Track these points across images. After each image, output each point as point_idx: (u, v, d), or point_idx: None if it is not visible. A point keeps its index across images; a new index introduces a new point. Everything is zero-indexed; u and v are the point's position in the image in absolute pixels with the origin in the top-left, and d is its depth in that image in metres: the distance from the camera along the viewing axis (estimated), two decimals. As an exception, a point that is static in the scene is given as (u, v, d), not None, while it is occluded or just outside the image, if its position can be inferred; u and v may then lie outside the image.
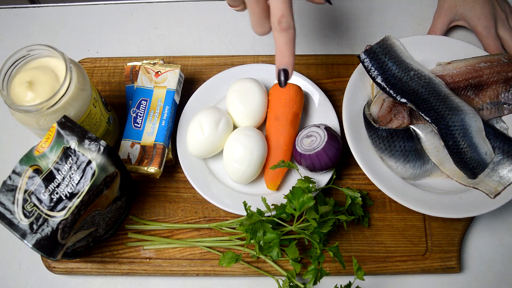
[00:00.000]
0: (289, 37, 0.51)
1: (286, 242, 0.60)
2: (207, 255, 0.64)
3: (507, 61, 0.67)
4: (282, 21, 0.50)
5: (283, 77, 0.52)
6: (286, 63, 0.52)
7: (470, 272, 0.65)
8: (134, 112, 0.66)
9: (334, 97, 0.73)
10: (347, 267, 0.63)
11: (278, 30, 0.50)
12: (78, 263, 0.64)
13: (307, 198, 0.56)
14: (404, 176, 0.64)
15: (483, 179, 0.63)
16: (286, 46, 0.51)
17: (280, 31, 0.50)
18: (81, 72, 0.57)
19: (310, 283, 0.56)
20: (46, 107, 0.52)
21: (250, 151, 0.62)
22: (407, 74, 0.65)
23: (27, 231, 0.50)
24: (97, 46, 0.80)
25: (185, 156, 0.66)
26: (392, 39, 0.68)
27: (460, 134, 0.62)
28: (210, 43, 0.80)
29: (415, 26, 0.81)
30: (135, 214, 0.67)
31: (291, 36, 0.51)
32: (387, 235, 0.65)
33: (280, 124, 0.66)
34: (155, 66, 0.69)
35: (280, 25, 0.50)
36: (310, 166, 0.63)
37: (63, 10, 0.83)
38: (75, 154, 0.52)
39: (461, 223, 0.66)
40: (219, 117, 0.64)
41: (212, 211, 0.67)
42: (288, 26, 0.50)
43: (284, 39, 0.51)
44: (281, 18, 0.50)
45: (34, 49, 0.55)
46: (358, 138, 0.64)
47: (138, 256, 0.64)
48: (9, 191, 0.51)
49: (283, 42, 0.51)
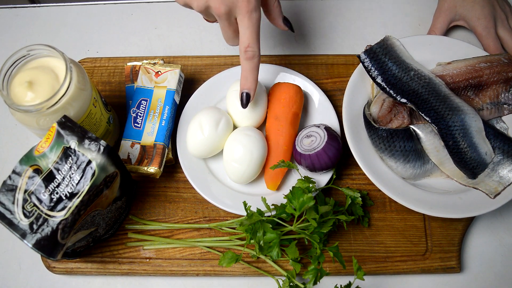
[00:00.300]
0: (253, 65, 0.57)
1: (286, 242, 0.60)
2: (207, 255, 0.64)
3: (507, 61, 0.67)
4: (248, 50, 0.56)
5: (245, 99, 0.60)
6: (248, 88, 0.59)
7: (470, 272, 0.65)
8: (134, 112, 0.66)
9: (334, 97, 0.73)
10: (347, 267, 0.63)
11: (244, 58, 0.57)
12: (78, 263, 0.64)
13: (307, 198, 0.56)
14: (404, 176, 0.64)
15: (483, 179, 0.63)
16: (250, 73, 0.58)
17: (245, 59, 0.57)
18: (81, 72, 0.57)
19: (310, 283, 0.56)
20: (46, 107, 0.52)
21: (250, 151, 0.62)
22: (407, 74, 0.65)
23: (27, 231, 0.50)
24: (97, 46, 0.80)
25: (185, 156, 0.66)
26: (392, 39, 0.68)
27: (460, 134, 0.62)
28: (210, 43, 0.80)
29: (415, 26, 0.81)
30: (135, 214, 0.67)
31: (255, 64, 0.57)
32: (387, 235, 0.65)
33: (280, 124, 0.66)
34: (155, 66, 0.69)
35: (246, 54, 0.56)
36: (310, 166, 0.63)
37: (63, 10, 0.83)
38: (75, 154, 0.52)
39: (461, 223, 0.66)
40: (219, 117, 0.64)
41: (212, 211, 0.67)
42: (253, 55, 0.56)
43: (249, 66, 0.57)
44: (247, 48, 0.56)
45: (34, 49, 0.55)
46: (358, 138, 0.64)
47: (138, 256, 0.64)
48: (9, 191, 0.51)
49: (247, 68, 0.58)
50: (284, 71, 0.72)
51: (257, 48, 0.56)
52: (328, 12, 0.83)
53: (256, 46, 0.56)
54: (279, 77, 0.72)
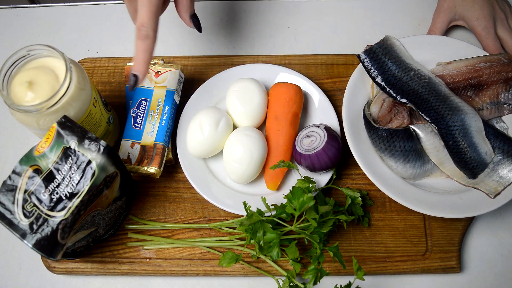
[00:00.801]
0: (145, 46, 0.54)
1: (286, 242, 0.60)
2: (207, 255, 0.64)
3: (507, 61, 0.67)
4: (142, 29, 0.53)
5: (132, 82, 0.55)
6: (138, 70, 0.55)
7: (470, 272, 0.65)
8: (134, 112, 0.66)
9: (334, 97, 0.73)
10: (347, 267, 0.63)
11: (137, 37, 0.54)
12: (78, 263, 0.64)
13: (307, 198, 0.56)
14: (404, 176, 0.64)
15: (483, 179, 0.63)
16: (142, 54, 0.54)
17: (138, 38, 0.54)
18: (81, 72, 0.57)
19: (310, 283, 0.56)
20: (46, 107, 0.52)
21: (250, 151, 0.62)
22: (407, 74, 0.65)
23: (27, 231, 0.50)
24: (97, 46, 0.80)
25: (185, 156, 0.66)
26: (392, 39, 0.68)
27: (460, 134, 0.62)
28: (210, 43, 0.80)
29: (415, 26, 0.81)
30: (135, 214, 0.67)
31: (147, 46, 0.54)
32: (387, 235, 0.65)
33: (280, 124, 0.66)
34: (155, 66, 0.69)
35: (139, 32, 0.53)
36: (310, 166, 0.63)
37: (63, 10, 0.83)
38: (75, 154, 0.52)
39: (461, 223, 0.66)
40: (219, 117, 0.64)
41: (212, 211, 0.67)
42: (146, 35, 0.53)
43: (141, 47, 0.54)
44: (141, 26, 0.53)
45: (34, 49, 0.55)
46: (358, 138, 0.64)
47: (138, 256, 0.64)
48: (9, 191, 0.51)
49: (140, 49, 0.54)
50: (284, 71, 0.72)
51: (151, 29, 0.53)
52: (328, 12, 0.83)
53: (150, 26, 0.53)
54: (279, 77, 0.72)
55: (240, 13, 0.83)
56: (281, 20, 0.82)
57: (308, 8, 0.83)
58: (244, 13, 0.83)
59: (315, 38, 0.80)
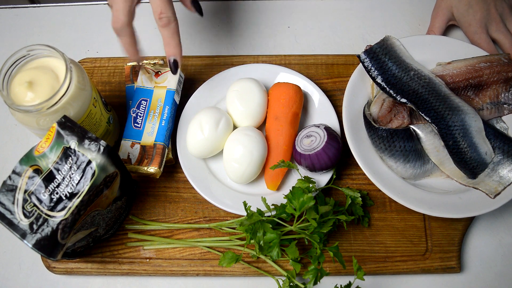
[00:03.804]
0: (171, 31, 0.57)
1: (286, 242, 0.60)
2: (207, 255, 0.64)
3: (507, 61, 0.67)
4: (162, 17, 0.55)
5: (173, 66, 0.60)
6: (173, 54, 0.59)
7: (470, 272, 0.65)
8: (134, 112, 0.66)
9: (334, 97, 0.73)
10: (347, 267, 0.63)
11: (160, 26, 0.56)
12: (78, 263, 0.64)
13: (307, 198, 0.56)
14: (404, 176, 0.64)
15: (483, 179, 0.63)
16: (171, 39, 0.58)
17: (162, 27, 0.56)
18: (81, 72, 0.57)
19: (310, 283, 0.56)
20: (46, 107, 0.52)
21: (250, 151, 0.62)
22: (407, 74, 0.65)
23: (27, 231, 0.50)
24: (97, 46, 0.80)
25: (185, 156, 0.66)
26: (392, 39, 0.68)
27: (460, 134, 0.62)
28: (210, 43, 0.80)
29: (415, 26, 0.81)
30: (135, 214, 0.67)
31: (173, 29, 0.57)
32: (387, 235, 0.65)
33: (280, 124, 0.66)
34: (155, 66, 0.69)
35: (161, 21, 0.56)
36: (310, 166, 0.63)
37: (63, 10, 0.83)
38: (75, 154, 0.52)
39: (461, 223, 0.66)
40: (219, 117, 0.64)
41: (212, 211, 0.67)
42: (168, 20, 0.56)
43: (168, 33, 0.57)
44: (161, 15, 0.55)
45: (34, 49, 0.55)
46: (358, 138, 0.64)
47: (138, 256, 0.64)
48: (9, 191, 0.51)
49: (167, 35, 0.57)
50: (284, 71, 0.72)
51: (170, 13, 0.56)
52: (328, 12, 0.83)
53: (169, 11, 0.55)
54: (279, 77, 0.72)
55: (240, 13, 0.83)
56: (281, 20, 0.82)
57: (308, 8, 0.83)
58: (244, 13, 0.83)
59: (315, 38, 0.80)
